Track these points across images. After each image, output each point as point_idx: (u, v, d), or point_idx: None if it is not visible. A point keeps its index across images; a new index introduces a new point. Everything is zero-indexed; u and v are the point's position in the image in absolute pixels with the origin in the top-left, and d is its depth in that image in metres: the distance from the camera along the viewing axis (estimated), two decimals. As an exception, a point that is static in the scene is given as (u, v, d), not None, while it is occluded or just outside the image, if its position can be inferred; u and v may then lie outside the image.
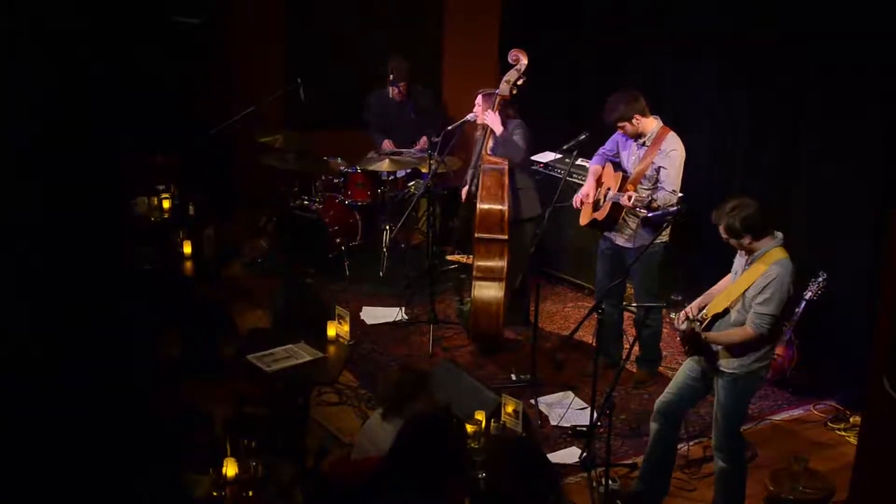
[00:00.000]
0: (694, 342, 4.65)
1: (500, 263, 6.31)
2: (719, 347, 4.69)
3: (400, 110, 7.92)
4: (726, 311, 4.66)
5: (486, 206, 6.26)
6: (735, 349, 4.64)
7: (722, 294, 4.75)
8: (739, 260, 4.75)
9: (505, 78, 6.41)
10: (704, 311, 4.74)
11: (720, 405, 4.75)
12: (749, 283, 4.56)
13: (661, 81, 7.23)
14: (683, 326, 4.66)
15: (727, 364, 4.68)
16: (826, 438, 5.79)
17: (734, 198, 4.64)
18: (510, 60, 6.42)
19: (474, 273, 6.33)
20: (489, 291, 6.32)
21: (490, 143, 6.44)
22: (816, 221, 6.08)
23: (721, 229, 4.61)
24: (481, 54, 8.78)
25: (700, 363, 4.82)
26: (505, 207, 6.26)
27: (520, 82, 6.41)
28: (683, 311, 4.75)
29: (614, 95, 5.86)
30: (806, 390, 6.14)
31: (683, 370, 4.92)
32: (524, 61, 6.36)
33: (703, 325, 4.66)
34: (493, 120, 6.37)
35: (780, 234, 4.63)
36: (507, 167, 6.34)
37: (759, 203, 4.58)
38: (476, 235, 6.31)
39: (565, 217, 6.87)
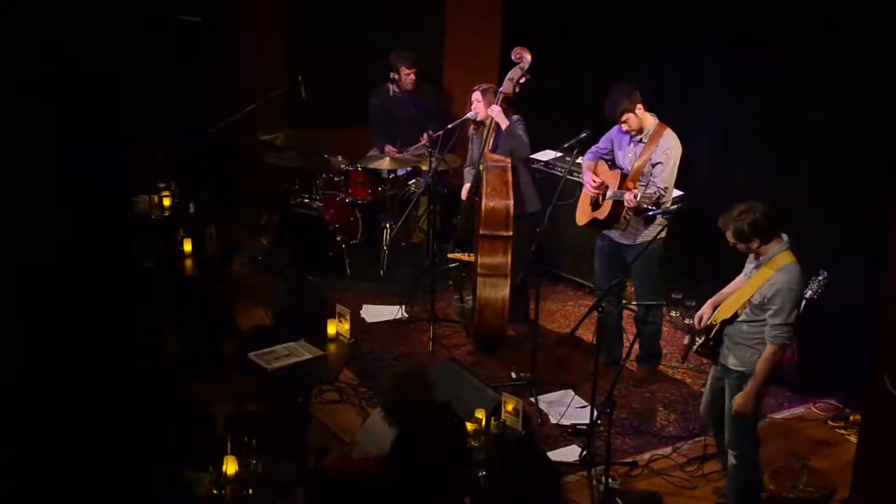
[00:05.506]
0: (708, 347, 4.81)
1: (504, 260, 6.30)
2: (727, 345, 4.72)
3: (401, 108, 7.90)
4: (735, 316, 4.68)
5: (491, 203, 6.25)
6: (743, 350, 4.66)
7: (730, 300, 4.76)
8: (749, 264, 4.75)
9: (508, 76, 6.39)
10: (714, 316, 4.77)
11: (730, 403, 4.76)
12: (754, 290, 4.57)
13: (662, 83, 7.21)
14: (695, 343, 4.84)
15: (735, 362, 4.70)
16: (826, 437, 5.78)
17: (741, 203, 4.60)
18: (514, 58, 6.40)
19: (479, 270, 6.31)
20: (494, 288, 6.31)
21: (490, 141, 6.42)
22: (817, 221, 6.08)
23: (728, 235, 4.58)
24: (483, 52, 8.77)
25: (717, 367, 4.88)
26: (510, 203, 6.25)
27: (522, 80, 6.40)
28: (696, 318, 4.85)
29: (613, 90, 5.86)
30: (806, 389, 6.14)
31: (709, 379, 5.02)
32: (528, 58, 6.35)
33: (713, 333, 4.73)
34: (498, 113, 6.36)
35: (785, 237, 4.61)
36: (510, 164, 6.34)
37: (767, 206, 4.55)
38: (480, 232, 6.30)
39: (565, 215, 6.87)
